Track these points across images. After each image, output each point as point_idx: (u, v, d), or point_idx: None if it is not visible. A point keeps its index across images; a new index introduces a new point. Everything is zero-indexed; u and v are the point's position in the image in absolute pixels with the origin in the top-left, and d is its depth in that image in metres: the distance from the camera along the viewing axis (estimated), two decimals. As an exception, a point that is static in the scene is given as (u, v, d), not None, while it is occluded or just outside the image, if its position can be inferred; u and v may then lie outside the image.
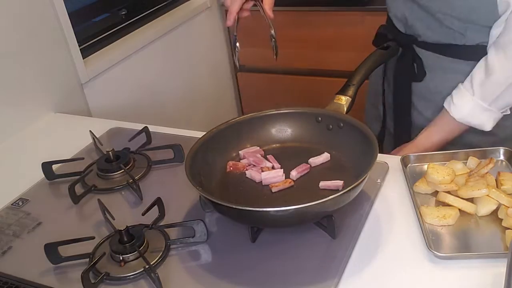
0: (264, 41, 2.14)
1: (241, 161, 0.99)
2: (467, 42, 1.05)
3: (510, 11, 0.96)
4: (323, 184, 0.91)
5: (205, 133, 0.97)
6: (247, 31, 1.08)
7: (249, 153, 0.99)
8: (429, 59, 1.12)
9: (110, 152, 1.08)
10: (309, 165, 0.96)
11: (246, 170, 0.96)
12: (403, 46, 1.15)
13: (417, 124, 1.19)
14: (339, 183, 0.89)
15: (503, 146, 0.98)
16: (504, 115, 1.05)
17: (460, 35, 1.05)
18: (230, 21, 1.08)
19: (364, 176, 0.81)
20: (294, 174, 0.94)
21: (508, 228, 0.81)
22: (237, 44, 1.12)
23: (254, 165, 0.97)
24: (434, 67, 1.12)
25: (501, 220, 0.83)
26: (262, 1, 1.09)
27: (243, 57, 1.11)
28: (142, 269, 0.82)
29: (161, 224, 0.91)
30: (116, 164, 1.08)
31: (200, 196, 0.92)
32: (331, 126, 0.99)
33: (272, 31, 1.08)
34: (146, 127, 1.19)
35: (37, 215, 0.99)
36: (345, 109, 1.00)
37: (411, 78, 1.15)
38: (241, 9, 1.07)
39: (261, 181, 0.93)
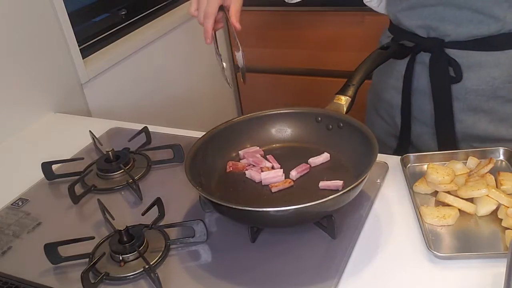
0: (264, 41, 2.17)
1: (241, 161, 0.99)
2: (503, 29, 1.02)
3: None
4: (323, 184, 0.91)
5: (205, 133, 0.97)
6: (247, 31, 1.08)
7: (249, 153, 0.99)
8: (462, 58, 1.08)
9: (110, 152, 1.08)
10: (309, 165, 0.96)
11: (246, 170, 0.96)
12: (430, 50, 1.10)
13: None
14: (339, 183, 0.89)
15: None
16: None
17: (498, 23, 1.01)
18: (209, 39, 1.01)
19: (364, 176, 0.81)
20: (294, 174, 0.94)
21: (508, 228, 0.81)
22: (223, 64, 1.06)
23: (254, 165, 0.97)
24: (467, 65, 1.08)
25: (501, 220, 0.83)
26: (228, 11, 1.00)
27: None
28: (142, 269, 0.82)
29: (161, 224, 0.91)
30: (116, 164, 1.08)
31: (200, 196, 0.92)
32: (331, 126, 0.99)
33: (240, 52, 0.98)
34: (145, 127, 1.19)
35: (37, 215, 0.99)
36: (345, 109, 0.99)
37: (449, 81, 1.10)
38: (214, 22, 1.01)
39: (261, 181, 0.93)
